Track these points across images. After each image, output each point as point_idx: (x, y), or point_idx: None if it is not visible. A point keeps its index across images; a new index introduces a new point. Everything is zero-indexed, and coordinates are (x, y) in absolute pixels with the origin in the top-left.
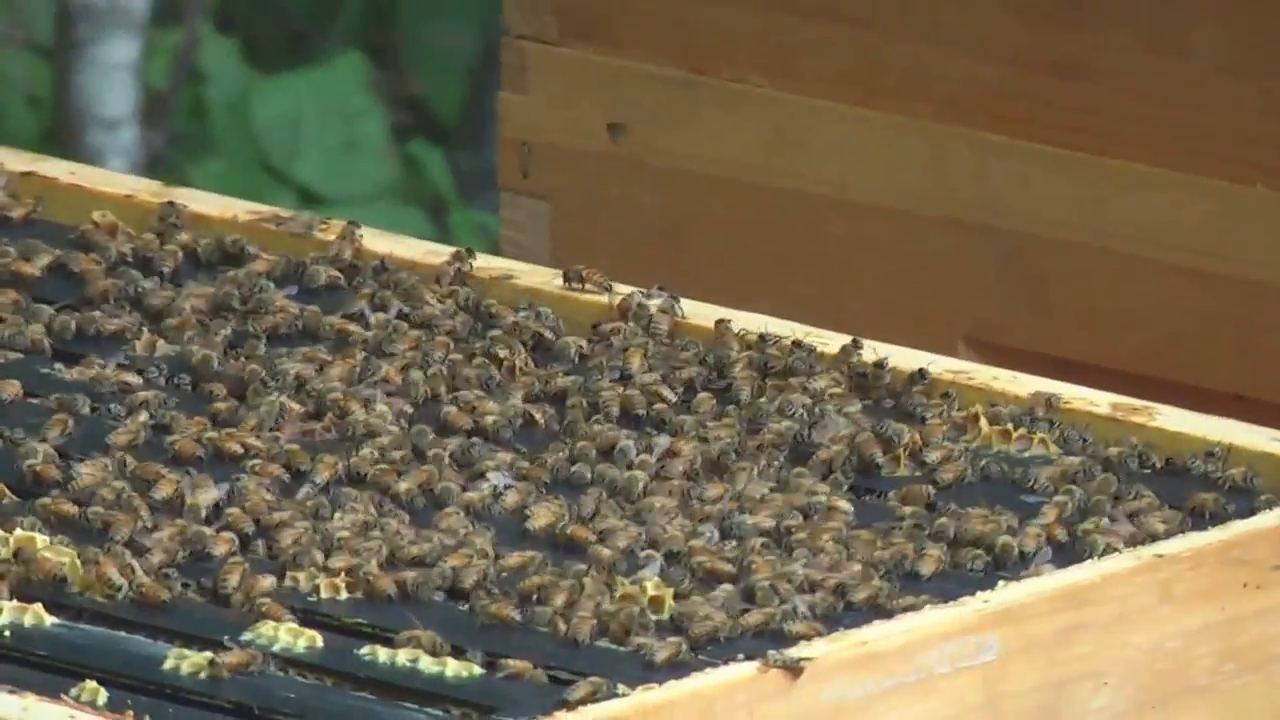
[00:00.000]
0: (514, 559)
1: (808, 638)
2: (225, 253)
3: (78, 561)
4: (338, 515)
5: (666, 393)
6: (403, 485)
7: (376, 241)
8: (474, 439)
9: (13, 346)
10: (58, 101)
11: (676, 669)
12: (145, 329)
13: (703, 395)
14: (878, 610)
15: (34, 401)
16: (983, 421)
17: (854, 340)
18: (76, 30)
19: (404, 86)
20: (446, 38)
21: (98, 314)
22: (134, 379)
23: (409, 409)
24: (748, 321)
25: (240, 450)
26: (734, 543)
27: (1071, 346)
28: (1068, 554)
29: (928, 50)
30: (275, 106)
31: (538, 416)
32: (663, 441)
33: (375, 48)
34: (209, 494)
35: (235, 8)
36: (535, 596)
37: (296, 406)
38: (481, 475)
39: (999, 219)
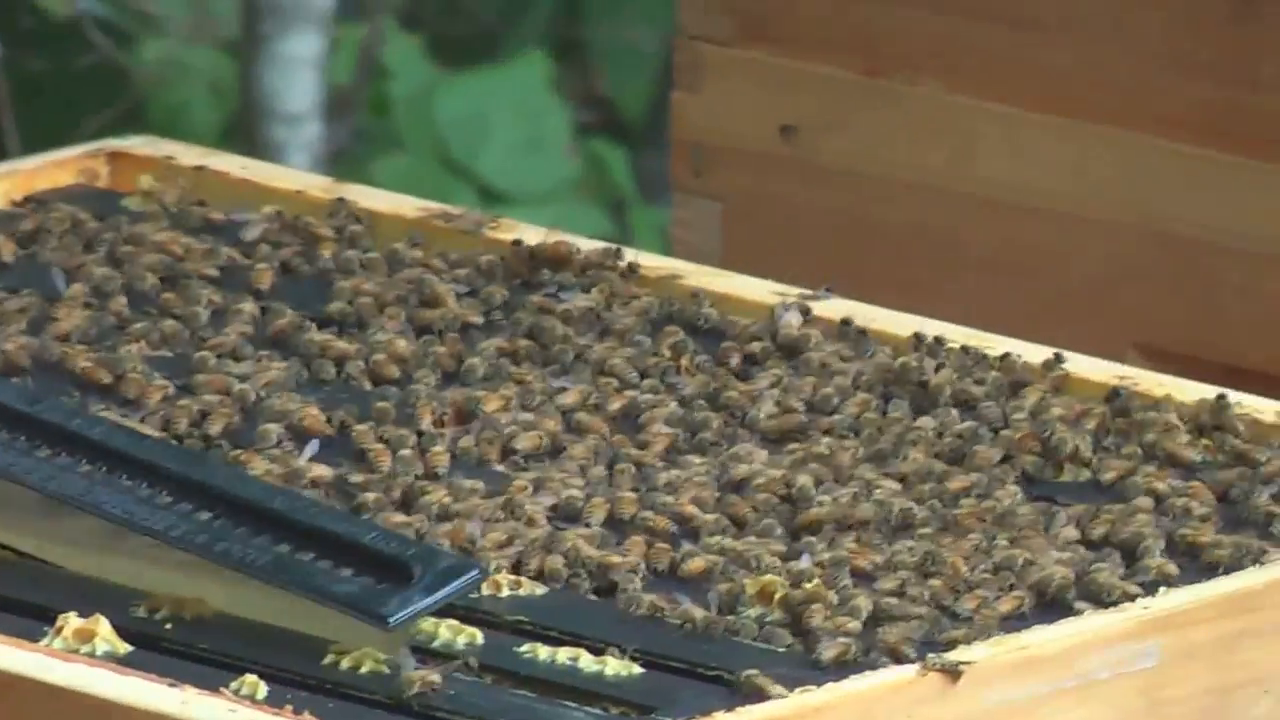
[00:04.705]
0: (697, 563)
1: (967, 642)
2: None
3: None
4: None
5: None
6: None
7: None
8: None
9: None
10: (242, 96)
11: (838, 670)
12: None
13: (861, 397)
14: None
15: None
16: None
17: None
18: (261, 25)
19: (590, 85)
20: (634, 37)
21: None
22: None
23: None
24: (923, 326)
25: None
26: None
27: (1244, 354)
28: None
29: (1102, 54)
30: (459, 103)
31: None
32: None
33: (562, 46)
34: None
35: (421, 4)
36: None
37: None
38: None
39: (1171, 224)
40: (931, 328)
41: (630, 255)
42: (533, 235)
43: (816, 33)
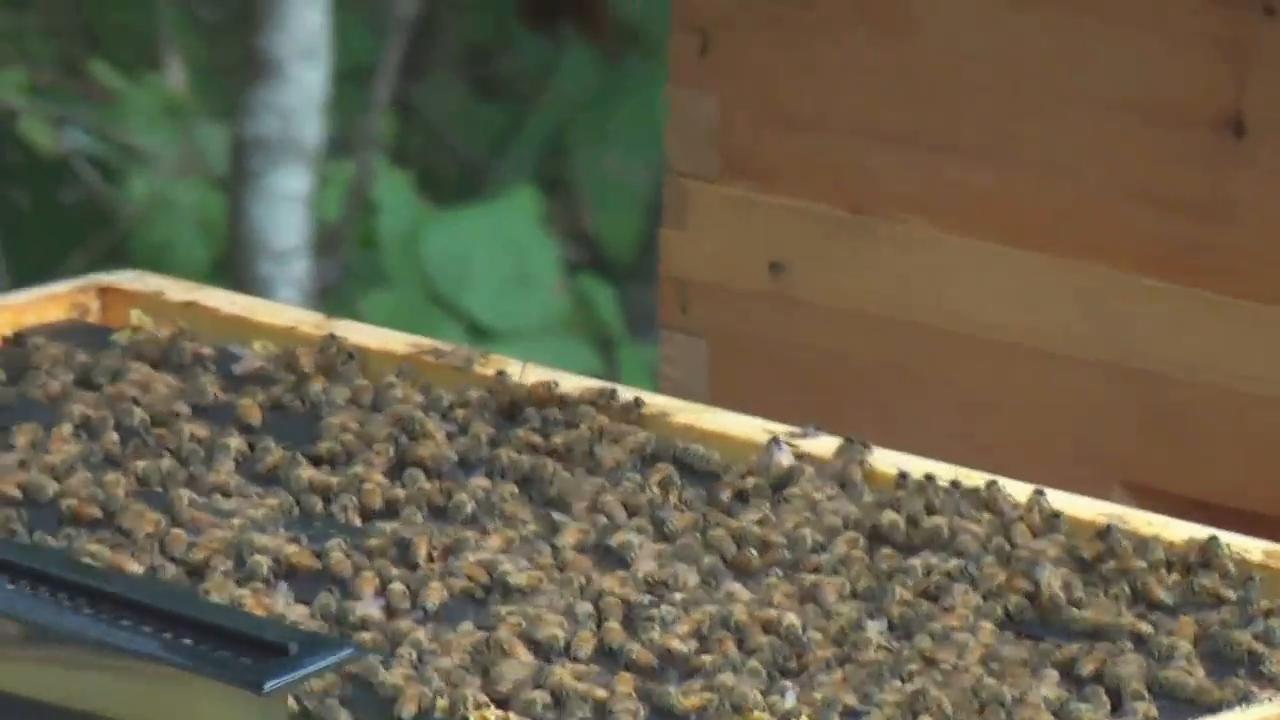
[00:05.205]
0: (691, 700)
1: None
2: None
3: None
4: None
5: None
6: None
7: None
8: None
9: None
10: (230, 231)
11: None
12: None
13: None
14: None
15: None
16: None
17: (1037, 489)
18: (250, 161)
19: (578, 221)
20: (622, 172)
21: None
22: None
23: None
24: (912, 464)
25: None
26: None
27: (1228, 492)
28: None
29: (1087, 194)
30: (447, 239)
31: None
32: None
33: (549, 182)
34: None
35: (408, 140)
36: None
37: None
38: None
39: (1155, 363)
40: (918, 465)
41: (628, 393)
42: (523, 372)
43: (803, 170)
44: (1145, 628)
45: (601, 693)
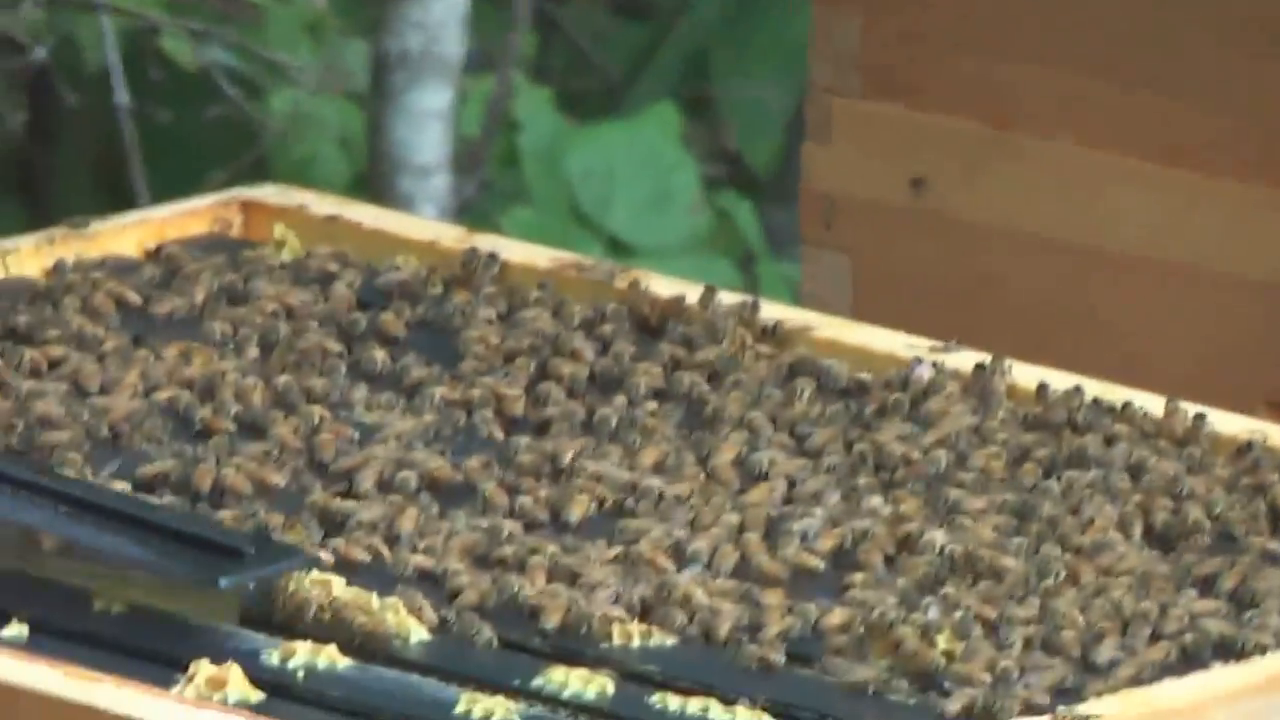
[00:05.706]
0: (836, 616)
1: (1099, 695)
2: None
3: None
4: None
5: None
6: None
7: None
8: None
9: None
10: (371, 148)
11: None
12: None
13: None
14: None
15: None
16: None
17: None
18: (391, 78)
19: (719, 139)
20: (762, 91)
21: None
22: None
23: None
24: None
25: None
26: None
27: None
28: None
29: (1235, 114)
30: (587, 156)
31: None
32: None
33: (690, 100)
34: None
35: (549, 57)
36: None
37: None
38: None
39: None
40: (1060, 380)
41: (768, 311)
42: (665, 287)
43: (947, 86)
44: (1275, 545)
45: (746, 607)
